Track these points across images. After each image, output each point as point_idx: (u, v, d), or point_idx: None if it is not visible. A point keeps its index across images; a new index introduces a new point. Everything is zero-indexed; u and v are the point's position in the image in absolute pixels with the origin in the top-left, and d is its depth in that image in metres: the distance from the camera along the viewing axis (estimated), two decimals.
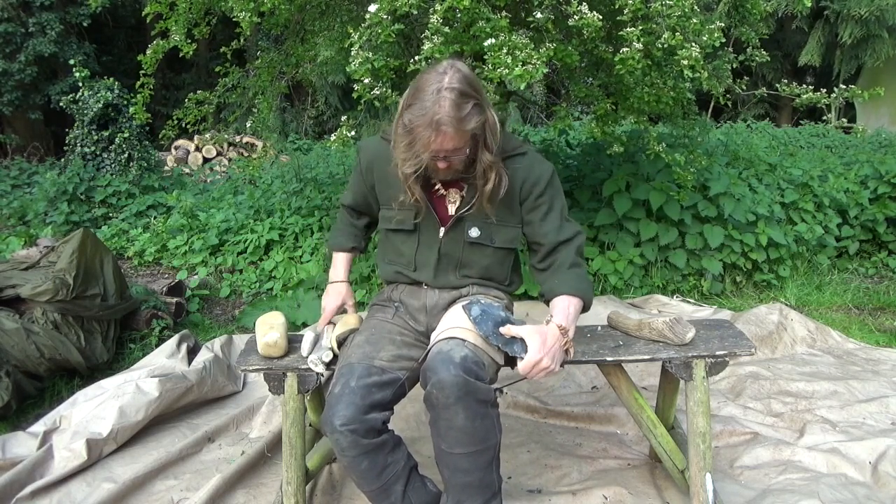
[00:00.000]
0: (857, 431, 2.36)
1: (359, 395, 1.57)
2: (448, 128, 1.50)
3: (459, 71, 1.55)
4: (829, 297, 4.02)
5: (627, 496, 2.02)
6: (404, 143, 1.55)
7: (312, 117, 11.51)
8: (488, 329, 1.61)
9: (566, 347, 1.65)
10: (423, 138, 1.51)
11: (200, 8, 3.33)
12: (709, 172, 4.12)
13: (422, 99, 1.52)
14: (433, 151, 1.55)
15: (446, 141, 1.53)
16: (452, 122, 1.50)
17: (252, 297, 4.05)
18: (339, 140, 2.79)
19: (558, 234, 1.76)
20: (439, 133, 1.51)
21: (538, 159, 1.80)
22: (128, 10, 10.68)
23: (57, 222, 5.29)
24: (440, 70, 1.55)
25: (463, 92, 1.52)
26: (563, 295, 1.71)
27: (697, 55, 2.47)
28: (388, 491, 1.63)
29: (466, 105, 1.52)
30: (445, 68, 1.55)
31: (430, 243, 1.80)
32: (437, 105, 1.49)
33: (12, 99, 9.12)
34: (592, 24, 2.42)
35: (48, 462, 2.24)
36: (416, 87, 1.56)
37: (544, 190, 1.76)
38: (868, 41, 11.18)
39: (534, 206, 1.77)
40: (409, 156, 1.56)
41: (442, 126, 1.50)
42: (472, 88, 1.54)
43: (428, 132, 1.51)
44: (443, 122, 1.50)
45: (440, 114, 1.49)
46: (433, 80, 1.52)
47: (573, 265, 1.75)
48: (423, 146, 1.53)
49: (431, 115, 1.49)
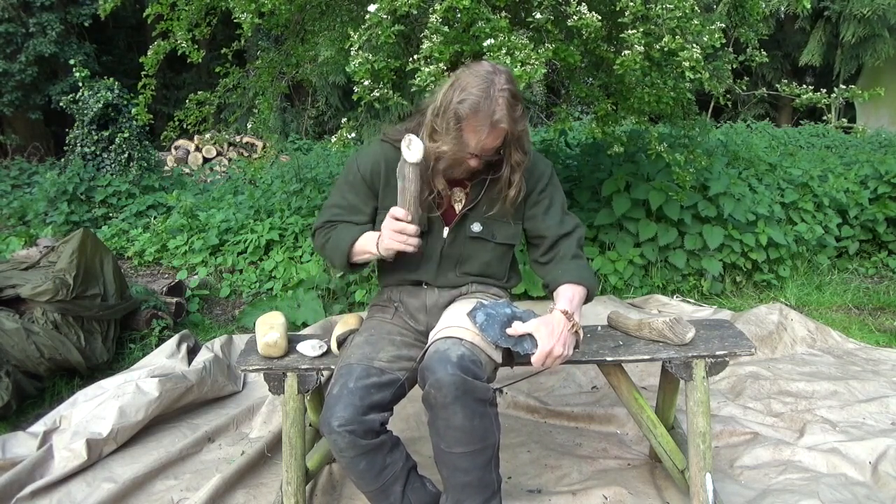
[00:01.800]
0: (857, 431, 2.35)
1: (357, 395, 1.57)
2: (504, 125, 1.58)
3: (504, 73, 1.62)
4: (829, 297, 4.02)
5: (627, 496, 2.02)
6: (451, 134, 1.60)
7: (313, 117, 11.51)
8: (495, 334, 1.62)
9: (575, 331, 1.65)
10: (478, 131, 1.57)
11: (201, 8, 3.33)
12: (709, 172, 4.12)
13: (473, 95, 1.56)
14: (482, 148, 1.61)
15: (497, 140, 1.61)
16: (508, 123, 1.58)
17: (252, 297, 4.05)
18: (340, 141, 2.80)
19: (560, 228, 1.81)
20: (494, 129, 1.58)
21: (538, 157, 1.84)
22: (128, 10, 10.67)
23: (57, 222, 5.29)
24: (485, 68, 1.61)
25: (514, 94, 1.60)
26: (566, 284, 1.75)
27: (698, 56, 2.47)
28: (386, 491, 1.63)
29: (518, 107, 1.61)
30: (492, 68, 1.62)
31: (433, 243, 1.81)
32: (494, 103, 1.56)
33: (13, 99, 9.12)
34: (592, 24, 2.43)
35: (48, 462, 2.24)
36: (461, 83, 1.60)
37: (546, 186, 1.82)
38: (869, 41, 11.19)
39: (536, 202, 1.81)
40: (457, 144, 1.60)
41: (500, 125, 1.57)
42: (518, 92, 1.64)
43: (485, 128, 1.57)
44: (501, 121, 1.57)
45: (498, 113, 1.56)
46: (483, 80, 1.58)
47: (575, 256, 1.80)
48: (475, 136, 1.58)
49: (490, 113, 1.56)
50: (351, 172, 1.82)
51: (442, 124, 1.61)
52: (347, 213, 1.83)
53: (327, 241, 1.83)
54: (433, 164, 1.67)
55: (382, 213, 1.81)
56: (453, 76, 1.65)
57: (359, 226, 1.81)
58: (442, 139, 1.62)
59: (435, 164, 1.68)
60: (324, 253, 1.86)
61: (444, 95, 1.62)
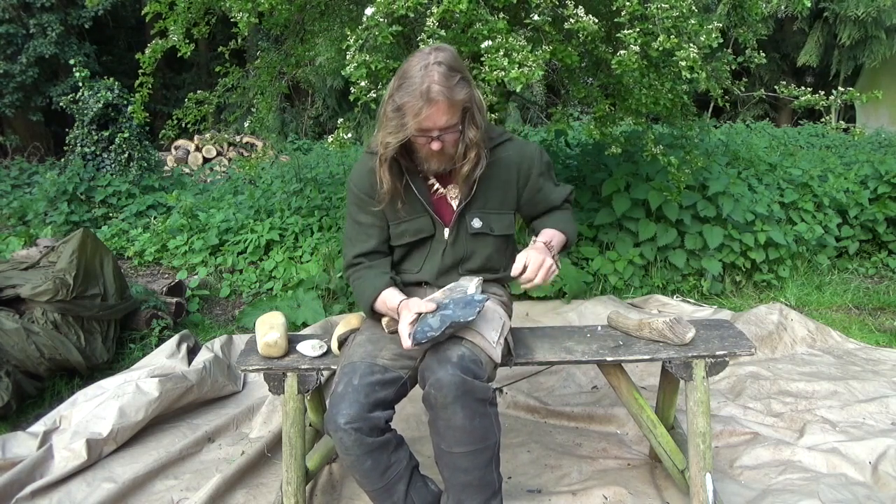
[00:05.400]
0: (857, 431, 2.36)
1: (362, 393, 1.57)
2: (440, 97, 1.54)
3: (444, 50, 1.60)
4: (829, 297, 4.02)
5: (627, 496, 2.02)
6: (393, 122, 1.58)
7: (312, 117, 11.52)
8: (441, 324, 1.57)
9: (553, 255, 1.70)
10: (414, 109, 1.54)
11: (200, 8, 3.33)
12: (708, 172, 4.12)
13: (410, 77, 1.55)
14: (424, 128, 1.57)
15: (439, 114, 1.56)
16: (443, 92, 1.54)
17: (252, 297, 4.05)
18: (337, 142, 2.80)
19: (553, 201, 1.90)
20: (431, 103, 1.54)
21: (523, 142, 1.88)
22: (128, 10, 10.69)
23: (57, 222, 5.29)
24: (425, 52, 1.60)
25: (451, 66, 1.57)
26: (546, 229, 1.83)
27: (695, 56, 2.47)
28: (390, 490, 1.63)
29: (454, 77, 1.57)
30: (430, 50, 1.61)
31: (435, 245, 1.82)
32: (426, 78, 1.54)
33: (14, 100, 9.12)
34: (588, 28, 2.43)
35: (48, 462, 2.24)
36: (401, 71, 1.60)
37: (540, 168, 1.85)
38: (866, 42, 11.19)
39: (535, 185, 1.85)
40: (400, 130, 1.58)
41: (432, 95, 1.54)
42: (457, 64, 1.60)
43: (420, 103, 1.54)
44: (433, 91, 1.53)
45: (431, 84, 1.53)
46: (419, 60, 1.57)
47: (561, 210, 1.91)
48: (413, 116, 1.55)
49: (422, 87, 1.53)
50: (352, 195, 1.84)
51: (386, 113, 1.60)
52: (367, 237, 1.82)
53: (356, 287, 1.83)
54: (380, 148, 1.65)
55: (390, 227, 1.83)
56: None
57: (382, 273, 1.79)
58: (386, 128, 1.61)
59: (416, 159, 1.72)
60: (355, 296, 1.94)
61: (388, 88, 1.63)
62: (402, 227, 1.81)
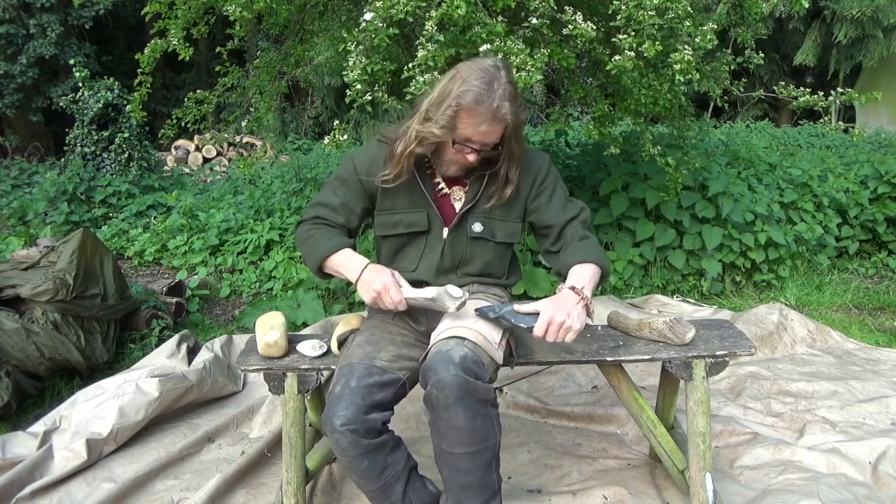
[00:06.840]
0: (857, 431, 2.36)
1: (359, 395, 1.57)
2: (506, 119, 1.59)
3: (508, 68, 1.64)
4: (829, 297, 4.03)
5: (627, 496, 2.02)
6: (444, 119, 1.59)
7: (312, 117, 11.52)
8: (501, 310, 1.65)
9: (585, 304, 1.64)
10: (477, 121, 1.58)
11: (199, 7, 3.33)
12: (708, 172, 4.12)
13: (476, 87, 1.57)
14: (474, 139, 1.61)
15: (496, 133, 1.62)
16: (510, 116, 1.59)
17: (252, 297, 4.05)
18: (333, 143, 2.80)
19: (565, 214, 1.82)
20: (495, 121, 1.59)
21: (533, 152, 1.87)
22: (128, 10, 10.68)
23: (57, 222, 5.29)
24: (489, 64, 1.62)
25: (515, 87, 1.63)
26: (575, 265, 1.75)
27: (690, 58, 2.48)
28: (388, 491, 1.63)
29: (518, 100, 1.63)
30: (496, 64, 1.63)
31: (433, 243, 1.81)
32: (497, 96, 1.57)
33: (14, 101, 9.11)
34: (586, 34, 2.43)
35: (48, 462, 2.24)
36: (464, 73, 1.60)
37: (546, 177, 1.83)
38: (863, 41, 11.19)
39: (538, 194, 1.83)
40: (448, 130, 1.60)
41: (501, 115, 1.58)
42: (517, 86, 1.66)
43: (485, 118, 1.58)
44: (502, 110, 1.58)
45: (501, 104, 1.57)
46: (486, 73, 1.59)
47: (582, 238, 1.80)
48: (472, 126, 1.59)
49: (492, 105, 1.57)
50: (347, 170, 1.81)
51: (438, 111, 1.60)
52: (337, 211, 1.80)
53: (307, 239, 1.79)
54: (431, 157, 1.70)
55: (382, 216, 1.82)
56: (453, 69, 1.65)
57: (343, 235, 1.78)
58: (435, 123, 1.61)
59: (433, 157, 1.72)
60: (301, 248, 1.82)
61: (443, 87, 1.62)
62: (398, 217, 1.80)
